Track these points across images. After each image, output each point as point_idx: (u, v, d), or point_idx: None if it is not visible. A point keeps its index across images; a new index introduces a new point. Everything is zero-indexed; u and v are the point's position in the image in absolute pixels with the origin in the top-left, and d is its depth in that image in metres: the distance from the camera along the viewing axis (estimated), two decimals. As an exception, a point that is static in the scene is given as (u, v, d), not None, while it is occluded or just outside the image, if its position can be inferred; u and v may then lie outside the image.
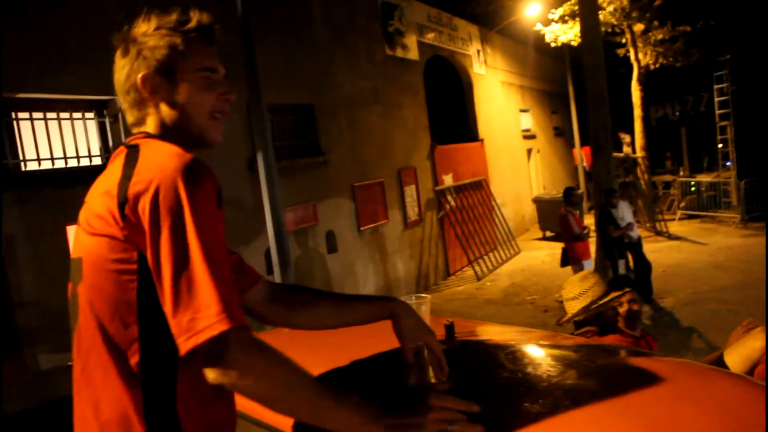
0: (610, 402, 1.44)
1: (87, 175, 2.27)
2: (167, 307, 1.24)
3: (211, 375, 1.22)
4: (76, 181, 5.69)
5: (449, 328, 1.92)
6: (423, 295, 1.98)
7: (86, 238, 1.40)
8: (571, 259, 9.21)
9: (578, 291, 4.08)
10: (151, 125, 1.51)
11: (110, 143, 6.40)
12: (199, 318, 1.20)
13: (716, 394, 1.52)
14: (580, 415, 1.36)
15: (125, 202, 1.29)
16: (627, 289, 3.95)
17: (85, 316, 1.40)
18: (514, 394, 1.50)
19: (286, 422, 1.58)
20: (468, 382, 1.60)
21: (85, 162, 6.17)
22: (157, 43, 1.48)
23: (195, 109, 1.50)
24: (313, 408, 1.26)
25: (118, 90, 1.54)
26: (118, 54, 1.53)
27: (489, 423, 1.36)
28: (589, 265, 9.30)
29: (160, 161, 1.32)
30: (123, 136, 6.25)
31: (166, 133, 1.50)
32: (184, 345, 1.21)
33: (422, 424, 1.25)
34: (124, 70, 1.51)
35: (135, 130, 1.53)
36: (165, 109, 1.50)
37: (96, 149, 6.33)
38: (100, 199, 1.37)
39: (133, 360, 1.33)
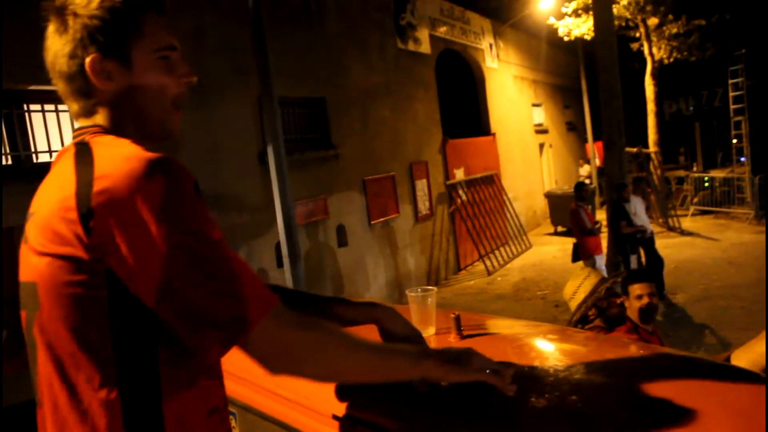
0: (617, 398, 1.42)
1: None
2: (179, 322, 1.11)
3: (268, 364, 1.16)
4: (87, 173, 5.69)
5: (456, 321, 1.90)
6: (429, 287, 1.96)
7: (38, 259, 1.17)
8: (582, 254, 9.17)
9: (573, 290, 4.06)
10: (102, 117, 1.28)
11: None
12: (226, 317, 1.10)
13: (727, 390, 1.49)
14: (586, 411, 1.35)
15: (89, 216, 1.09)
16: (623, 271, 3.92)
17: (45, 350, 1.19)
18: (520, 388, 1.48)
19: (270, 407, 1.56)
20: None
21: (96, 154, 6.19)
22: (104, 17, 1.23)
23: (155, 97, 1.29)
24: (370, 366, 1.27)
25: (54, 74, 1.29)
26: (52, 30, 1.27)
27: (494, 418, 1.34)
28: (601, 260, 9.27)
29: (121, 163, 1.11)
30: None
31: (120, 126, 1.28)
32: (219, 350, 1.11)
33: (469, 362, 1.32)
34: (63, 50, 1.25)
35: (82, 122, 1.31)
36: (119, 100, 1.28)
37: (107, 141, 6.35)
38: (53, 211, 1.14)
39: (109, 396, 1.14)
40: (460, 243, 13.45)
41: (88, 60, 1.24)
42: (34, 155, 5.71)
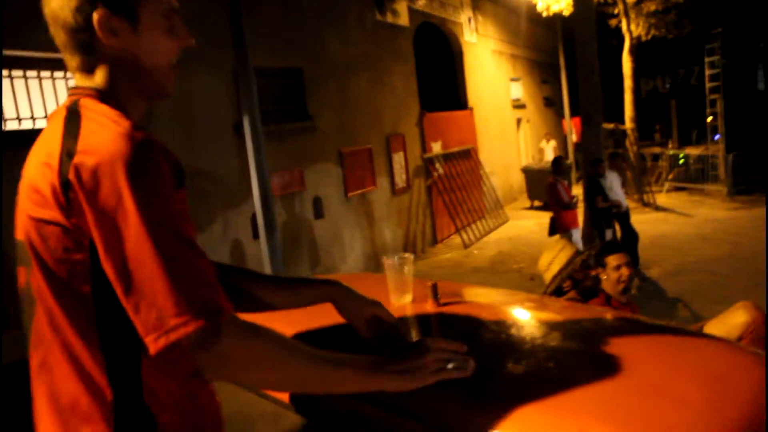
0: (593, 364, 1.42)
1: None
2: (127, 305, 1.12)
3: (204, 372, 1.14)
4: (58, 141, 5.57)
5: (433, 289, 1.89)
6: (405, 254, 1.94)
7: (27, 220, 1.22)
8: (559, 228, 9.21)
9: (548, 261, 4.06)
10: (100, 76, 1.29)
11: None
12: (163, 316, 1.08)
13: (702, 356, 1.50)
14: (563, 376, 1.34)
15: (68, 185, 1.12)
16: (597, 244, 3.93)
17: (40, 305, 1.24)
18: (497, 356, 1.47)
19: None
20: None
21: (67, 122, 6.06)
22: None
23: (157, 58, 1.31)
24: (316, 379, 1.24)
25: (56, 25, 1.28)
26: None
27: (472, 384, 1.33)
28: (577, 234, 9.32)
29: (104, 142, 1.14)
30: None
31: (117, 86, 1.29)
32: (154, 344, 1.09)
33: (425, 365, 1.26)
34: (70, 3, 1.24)
35: (78, 78, 1.31)
36: (121, 57, 1.28)
37: (79, 109, 6.21)
38: (40, 170, 1.19)
39: (95, 354, 1.20)
40: (437, 216, 13.46)
41: (96, 15, 1.24)
42: (2, 123, 5.57)
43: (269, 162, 6.41)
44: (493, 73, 18.08)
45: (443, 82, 15.95)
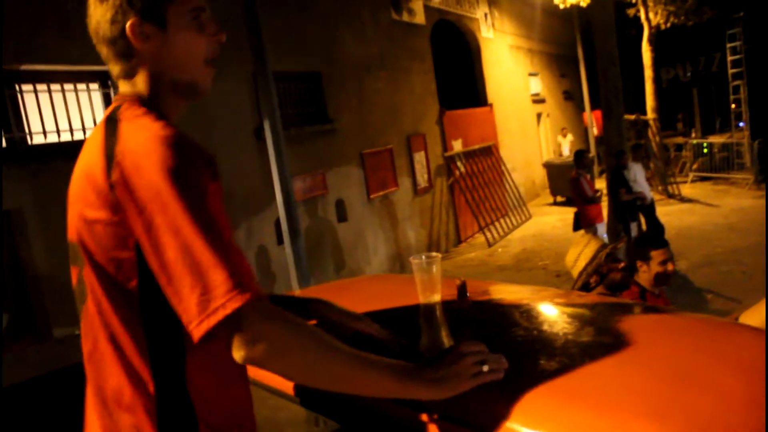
0: (630, 356, 1.40)
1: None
2: (172, 295, 1.16)
3: (237, 354, 1.14)
4: (82, 153, 5.64)
5: (461, 288, 1.88)
6: (433, 254, 1.92)
7: (78, 221, 1.32)
8: (583, 222, 9.14)
9: (574, 257, 4.02)
10: (140, 80, 1.39)
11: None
12: (208, 299, 1.12)
13: (740, 346, 1.47)
14: (598, 371, 1.33)
15: (113, 186, 1.21)
16: (624, 236, 3.87)
17: (90, 299, 1.34)
18: (530, 352, 1.46)
19: (287, 383, 1.55)
20: (483, 340, 1.56)
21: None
22: None
23: (189, 56, 1.40)
24: (349, 377, 1.22)
25: (98, 40, 1.40)
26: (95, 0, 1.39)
27: (505, 381, 1.32)
28: (602, 228, 9.24)
29: (140, 141, 1.23)
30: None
31: (157, 88, 1.39)
32: (197, 330, 1.13)
33: (460, 372, 1.25)
34: (105, 16, 1.35)
35: (122, 85, 1.42)
36: (156, 60, 1.38)
37: (102, 121, 6.28)
38: (86, 175, 1.29)
39: (140, 348, 1.27)
40: (460, 215, 13.42)
41: (128, 24, 1.34)
42: (28, 137, 5.64)
43: (291, 166, 6.43)
44: (511, 68, 18.01)
45: (462, 80, 15.91)
